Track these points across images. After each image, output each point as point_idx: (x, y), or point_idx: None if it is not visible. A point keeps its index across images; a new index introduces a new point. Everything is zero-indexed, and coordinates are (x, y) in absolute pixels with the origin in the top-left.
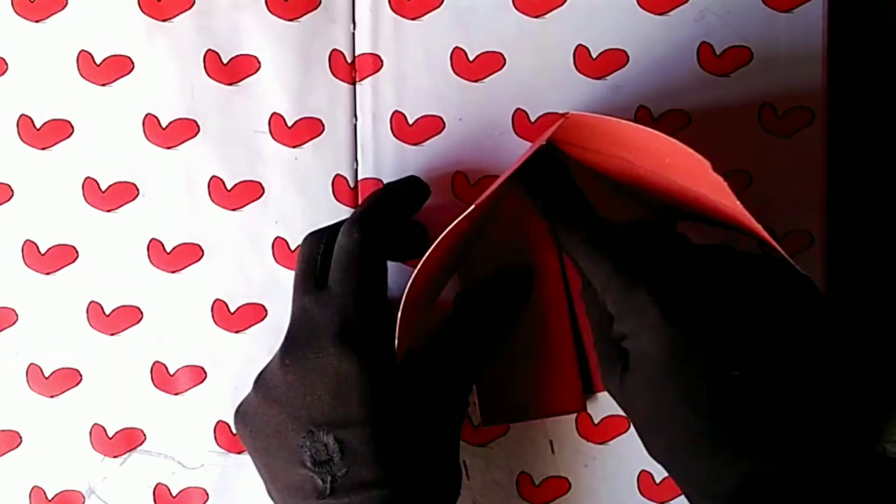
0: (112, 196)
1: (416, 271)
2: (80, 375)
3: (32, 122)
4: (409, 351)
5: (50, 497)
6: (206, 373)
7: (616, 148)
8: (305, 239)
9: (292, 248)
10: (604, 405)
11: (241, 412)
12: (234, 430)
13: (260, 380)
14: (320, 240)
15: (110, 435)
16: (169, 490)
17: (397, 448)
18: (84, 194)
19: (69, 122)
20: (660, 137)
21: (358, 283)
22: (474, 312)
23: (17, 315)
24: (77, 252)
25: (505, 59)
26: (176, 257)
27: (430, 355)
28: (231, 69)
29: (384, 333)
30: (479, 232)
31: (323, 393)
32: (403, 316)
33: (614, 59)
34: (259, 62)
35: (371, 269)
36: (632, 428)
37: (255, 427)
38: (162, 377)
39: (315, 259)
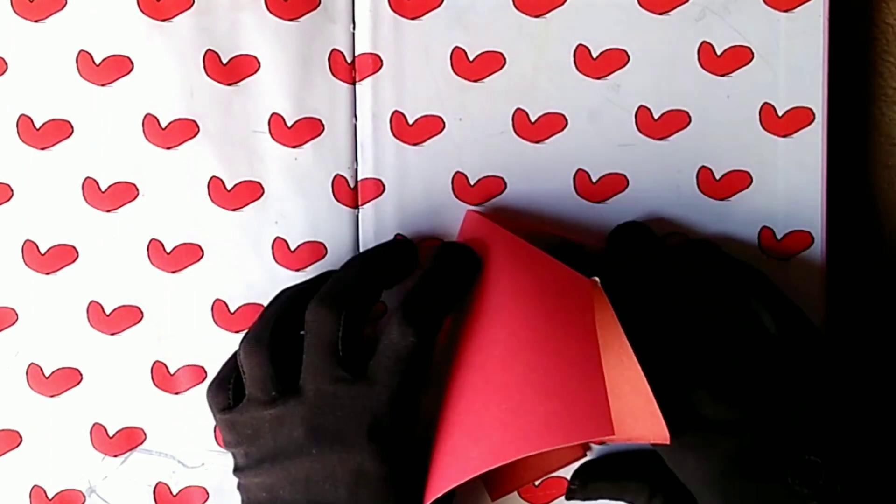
0: (112, 196)
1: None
2: (81, 375)
3: (32, 122)
4: None
5: (50, 496)
6: (206, 372)
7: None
8: (319, 308)
9: (292, 248)
10: None
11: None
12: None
13: (281, 456)
14: (338, 314)
15: (111, 434)
16: (169, 489)
17: None
18: (84, 194)
19: (69, 122)
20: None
21: (402, 385)
22: None
23: (17, 315)
24: (77, 252)
25: (505, 59)
26: (176, 257)
27: None
28: (231, 69)
29: (414, 431)
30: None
31: (342, 489)
32: None
33: (614, 59)
34: (259, 62)
35: (418, 373)
36: None
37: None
38: (162, 377)
39: (336, 339)
